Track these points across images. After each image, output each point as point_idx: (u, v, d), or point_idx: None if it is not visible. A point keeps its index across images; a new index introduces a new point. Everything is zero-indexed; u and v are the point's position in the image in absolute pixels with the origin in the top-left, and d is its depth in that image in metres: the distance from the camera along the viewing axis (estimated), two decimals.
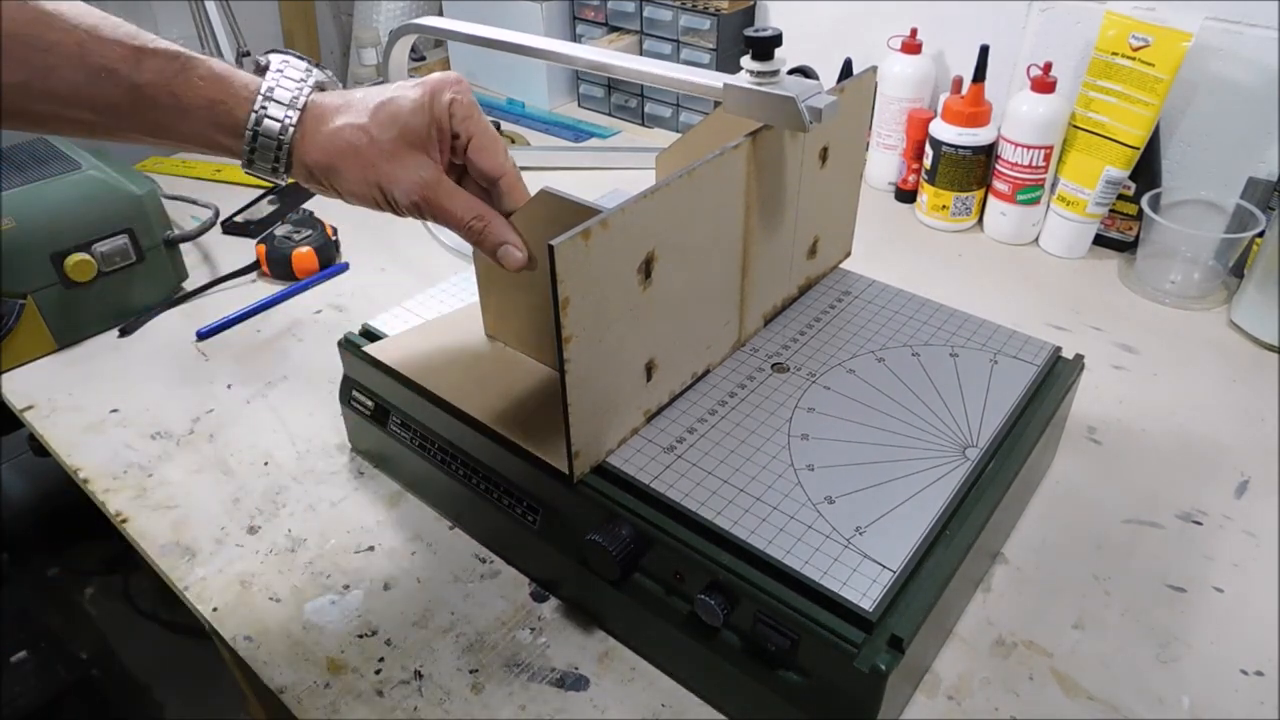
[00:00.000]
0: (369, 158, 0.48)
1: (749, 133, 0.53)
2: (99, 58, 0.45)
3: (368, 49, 1.37)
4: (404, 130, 0.49)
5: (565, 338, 0.45)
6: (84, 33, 0.45)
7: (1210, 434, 0.69)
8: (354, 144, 0.48)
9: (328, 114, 0.49)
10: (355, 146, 0.48)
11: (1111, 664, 0.52)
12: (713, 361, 0.59)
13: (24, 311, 0.78)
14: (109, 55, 0.45)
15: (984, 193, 0.97)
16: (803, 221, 0.63)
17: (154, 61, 0.46)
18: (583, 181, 1.11)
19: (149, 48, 0.46)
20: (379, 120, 0.49)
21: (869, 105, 0.65)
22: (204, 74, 0.47)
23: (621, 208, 0.45)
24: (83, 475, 0.68)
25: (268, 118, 0.48)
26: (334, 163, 0.49)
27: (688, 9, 1.14)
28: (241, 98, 0.48)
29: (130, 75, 0.45)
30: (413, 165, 0.49)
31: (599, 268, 0.45)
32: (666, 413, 0.56)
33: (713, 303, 0.57)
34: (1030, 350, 0.61)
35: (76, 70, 0.44)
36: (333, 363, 0.65)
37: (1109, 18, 0.85)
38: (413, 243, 0.97)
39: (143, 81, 0.46)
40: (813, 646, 0.43)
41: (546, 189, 0.50)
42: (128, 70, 0.45)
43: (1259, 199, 0.84)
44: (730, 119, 0.55)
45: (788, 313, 0.66)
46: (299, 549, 0.61)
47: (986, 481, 0.51)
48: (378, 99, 0.49)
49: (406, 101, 0.49)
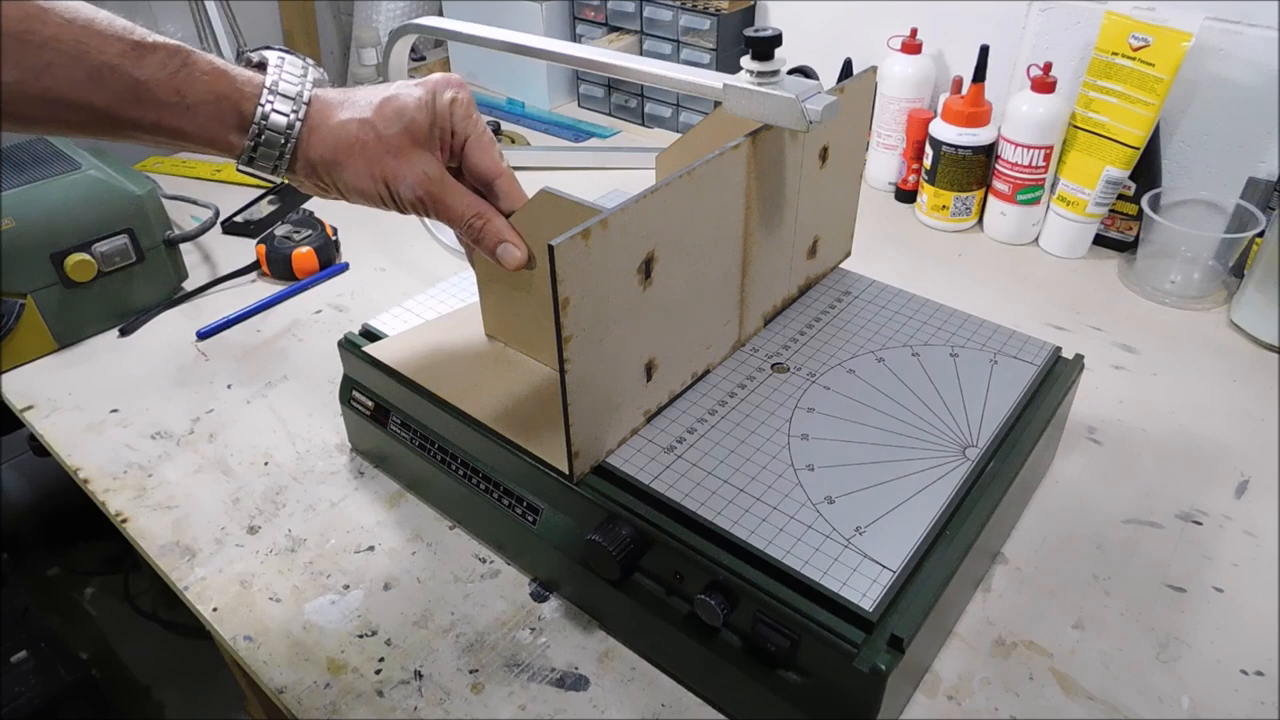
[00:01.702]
0: (375, 153, 0.48)
1: (749, 133, 0.53)
2: (98, 54, 0.44)
3: (368, 49, 1.37)
4: (408, 126, 0.49)
5: (565, 338, 0.45)
6: (80, 28, 0.43)
7: (1210, 434, 0.69)
8: (360, 139, 0.48)
9: (331, 109, 0.49)
10: (361, 141, 0.48)
11: (1111, 664, 0.52)
12: (713, 361, 0.59)
13: (24, 311, 0.78)
14: (108, 51, 0.44)
15: (984, 193, 0.97)
16: (803, 221, 0.63)
17: (155, 57, 0.45)
18: (583, 181, 1.11)
19: (148, 43, 0.45)
20: (384, 116, 0.49)
21: (869, 105, 0.65)
22: (206, 69, 0.46)
23: (621, 208, 0.45)
24: (83, 475, 0.68)
25: (275, 111, 0.47)
26: (339, 158, 0.49)
27: (688, 9, 1.14)
28: (247, 93, 0.47)
29: (131, 71, 0.44)
30: (417, 161, 0.49)
31: (599, 268, 0.45)
32: (666, 413, 0.56)
33: (713, 303, 0.57)
34: (1030, 350, 0.61)
35: (75, 67, 0.43)
36: (333, 363, 0.65)
37: (1109, 18, 0.85)
38: (413, 243, 0.97)
39: (145, 77, 0.45)
40: (813, 646, 0.43)
41: (546, 189, 0.50)
42: (128, 66, 0.44)
43: (1259, 199, 0.84)
44: (730, 119, 0.55)
45: (788, 313, 0.66)
46: (299, 549, 0.61)
47: (986, 481, 0.51)
48: (381, 95, 0.49)
49: (410, 99, 0.49)
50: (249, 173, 0.49)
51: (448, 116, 0.50)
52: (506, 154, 1.15)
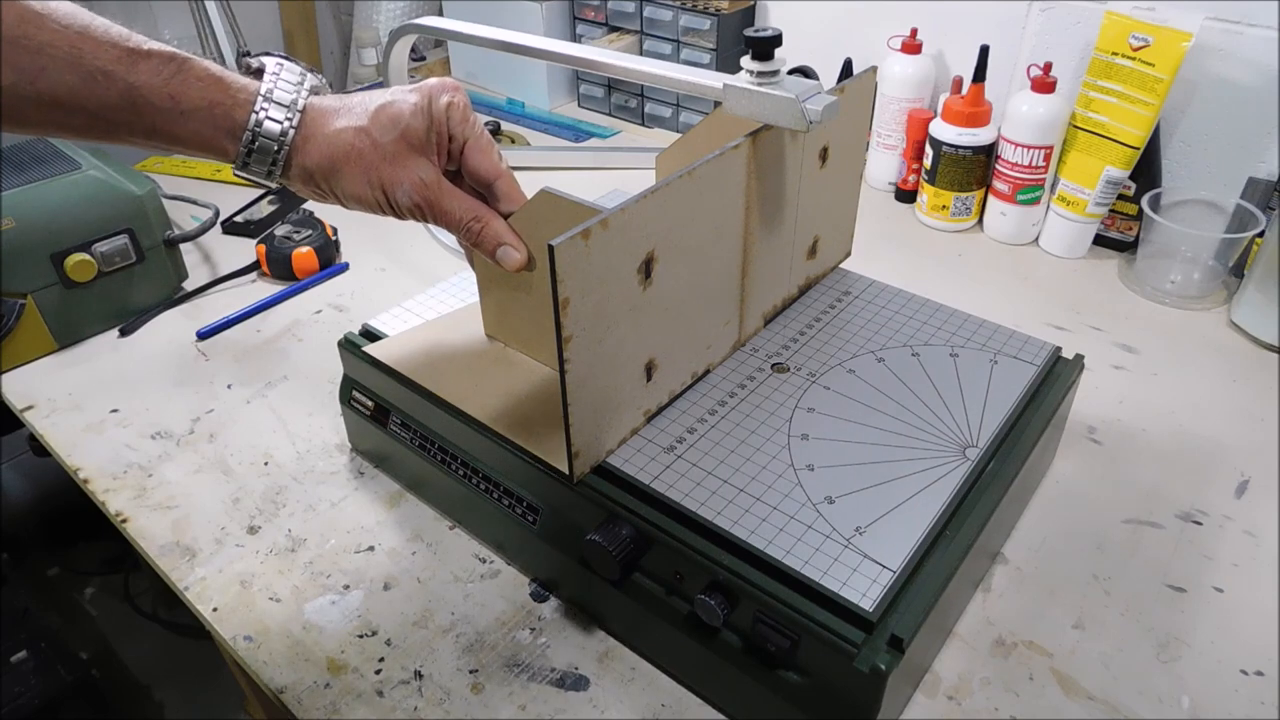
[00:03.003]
0: (371, 160, 0.49)
1: (749, 133, 0.53)
2: (93, 59, 0.44)
3: (368, 49, 1.37)
4: (404, 132, 0.49)
5: (565, 338, 0.45)
6: (75, 34, 0.44)
7: (1210, 434, 0.69)
8: (356, 146, 0.49)
9: (327, 117, 0.49)
10: (358, 149, 0.49)
11: (1111, 664, 0.52)
12: (713, 361, 0.59)
13: (24, 311, 0.78)
14: (103, 57, 0.44)
15: (984, 193, 0.97)
16: (803, 221, 0.63)
17: (149, 63, 0.45)
18: (583, 181, 1.11)
19: (143, 49, 0.45)
20: (380, 123, 0.49)
21: (869, 105, 0.65)
22: (201, 75, 0.47)
23: (621, 207, 0.45)
24: (83, 475, 0.68)
25: (269, 119, 0.48)
26: (336, 165, 0.49)
27: (688, 9, 1.14)
28: (241, 99, 0.48)
29: (126, 76, 0.45)
30: (413, 167, 0.50)
31: (599, 268, 0.45)
32: (666, 413, 0.56)
33: (713, 302, 0.57)
34: (1030, 350, 0.61)
35: (70, 72, 0.44)
36: (333, 363, 0.65)
37: (1109, 18, 0.85)
38: (413, 243, 0.97)
39: (139, 83, 0.45)
40: (813, 646, 0.43)
41: (546, 189, 0.50)
42: (123, 72, 0.45)
43: (1259, 199, 0.84)
44: (730, 119, 0.55)
45: (788, 313, 0.66)
46: (299, 549, 0.61)
47: (986, 481, 0.51)
48: (377, 102, 0.50)
49: (406, 105, 0.49)
50: (246, 177, 0.49)
51: (444, 121, 0.50)
52: (506, 154, 1.15)
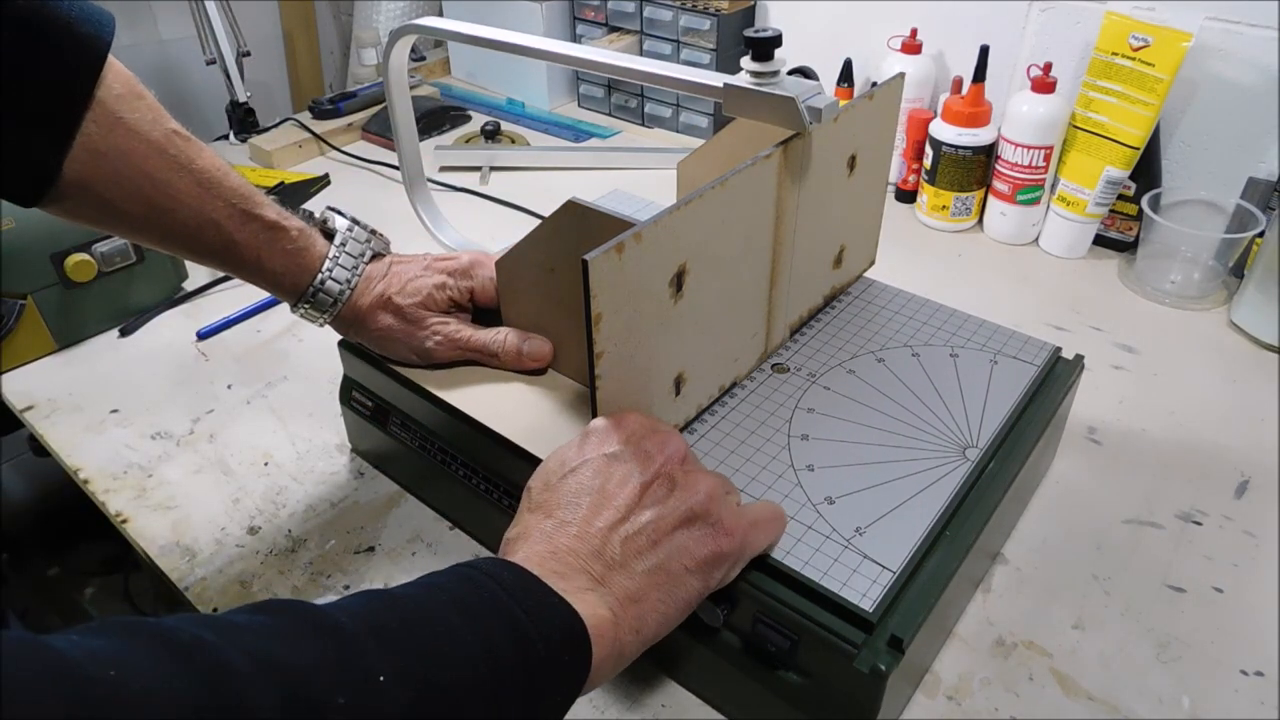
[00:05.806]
0: (402, 335, 0.58)
1: (779, 142, 0.52)
2: (212, 211, 0.51)
3: (368, 49, 1.37)
4: (425, 302, 0.58)
5: (597, 354, 0.44)
6: (206, 190, 0.51)
7: (1210, 434, 0.69)
8: (391, 330, 0.58)
9: (371, 283, 0.58)
10: (393, 332, 0.58)
11: (1111, 664, 0.52)
12: (739, 374, 0.58)
13: (24, 311, 0.78)
14: (220, 213, 0.51)
15: (984, 193, 0.97)
16: (830, 231, 0.62)
17: (254, 226, 0.53)
18: (583, 181, 1.11)
19: (254, 213, 0.53)
20: (410, 301, 0.57)
21: (896, 112, 0.64)
22: (288, 246, 0.55)
23: (655, 220, 0.44)
24: (83, 475, 0.68)
25: (331, 280, 0.56)
26: (376, 344, 0.59)
27: (688, 9, 1.14)
28: (309, 269, 0.56)
29: (232, 233, 0.52)
30: (436, 324, 0.58)
31: (632, 282, 0.44)
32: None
33: (741, 314, 0.55)
34: (1030, 350, 0.61)
35: (192, 217, 0.51)
36: (333, 363, 0.65)
37: (1109, 18, 0.85)
38: (413, 243, 0.96)
39: (239, 240, 0.53)
40: (813, 647, 0.43)
41: (574, 200, 0.49)
42: (232, 228, 0.52)
43: (1259, 199, 0.84)
44: (754, 126, 0.54)
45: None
46: (299, 549, 0.61)
47: (986, 482, 0.51)
48: (409, 279, 0.58)
49: (432, 283, 0.58)
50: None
51: (467, 299, 0.60)
52: (506, 154, 1.16)
